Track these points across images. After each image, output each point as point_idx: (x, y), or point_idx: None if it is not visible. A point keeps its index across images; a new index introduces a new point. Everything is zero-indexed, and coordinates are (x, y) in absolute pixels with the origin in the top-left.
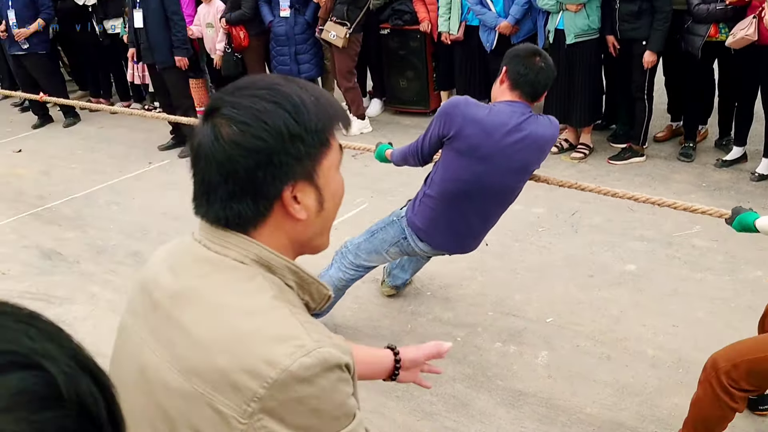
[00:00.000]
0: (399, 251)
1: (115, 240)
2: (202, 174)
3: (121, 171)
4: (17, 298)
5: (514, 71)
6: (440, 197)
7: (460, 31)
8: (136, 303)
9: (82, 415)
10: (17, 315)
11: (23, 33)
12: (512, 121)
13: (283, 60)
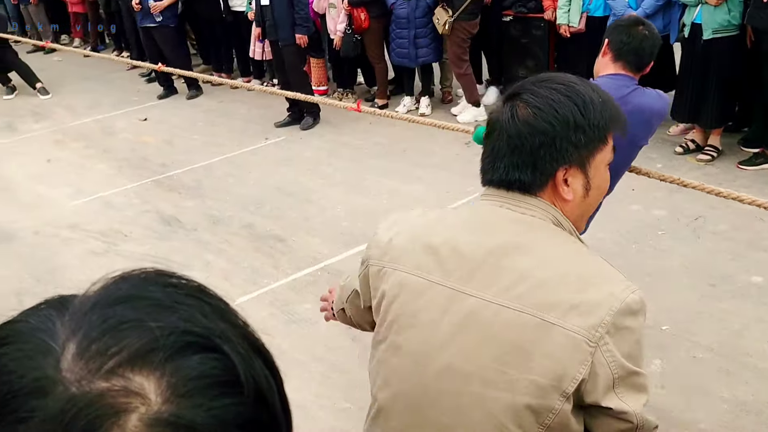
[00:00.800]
0: None
1: (231, 211)
2: (493, 144)
3: (239, 145)
4: (139, 260)
5: (616, 41)
6: None
7: (581, 22)
8: (424, 262)
9: (258, 402)
10: (187, 288)
11: (159, 6)
12: (617, 95)
13: (402, 43)
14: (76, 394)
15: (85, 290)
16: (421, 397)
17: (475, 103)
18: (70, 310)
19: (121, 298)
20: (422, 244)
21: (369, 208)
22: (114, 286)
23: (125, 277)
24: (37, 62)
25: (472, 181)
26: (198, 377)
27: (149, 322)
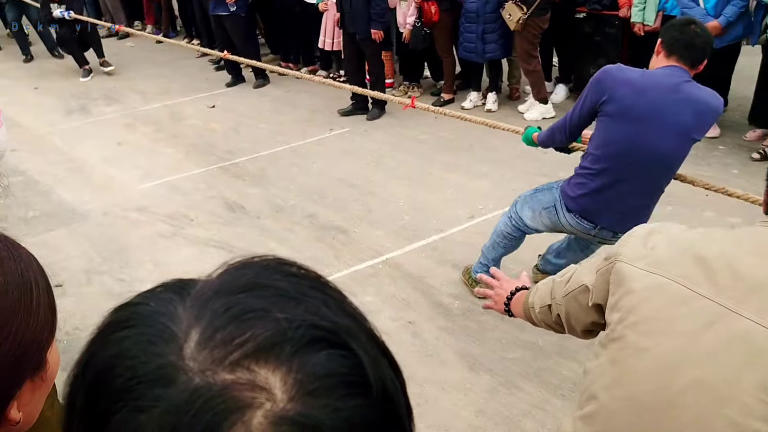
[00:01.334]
0: (548, 219)
1: (294, 200)
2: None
3: (304, 135)
4: (203, 244)
5: (669, 38)
6: (594, 165)
7: (657, 21)
8: (691, 273)
9: (385, 404)
10: (309, 279)
11: None
12: (668, 81)
13: (470, 38)
14: (201, 385)
15: (206, 276)
16: (660, 406)
17: (543, 101)
18: (191, 295)
19: (245, 286)
20: (692, 254)
21: (432, 202)
22: (236, 272)
23: (247, 264)
24: (110, 47)
25: (537, 179)
26: (326, 375)
27: (276, 312)
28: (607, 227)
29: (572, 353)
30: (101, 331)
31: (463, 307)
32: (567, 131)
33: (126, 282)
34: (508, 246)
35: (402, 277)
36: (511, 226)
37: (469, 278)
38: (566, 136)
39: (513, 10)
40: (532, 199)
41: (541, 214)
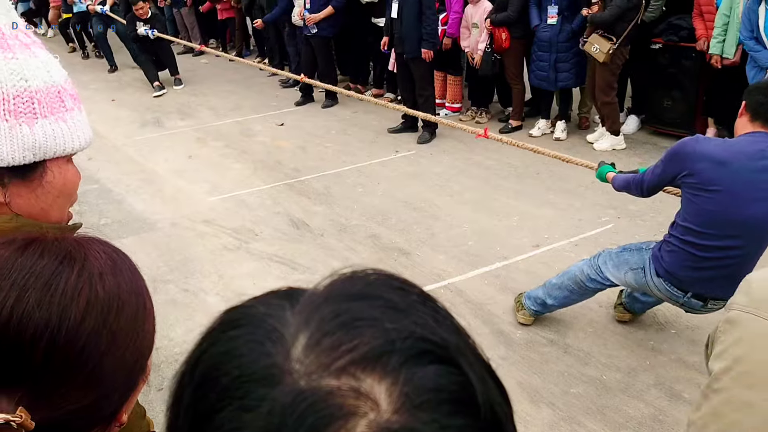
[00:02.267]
0: (633, 280)
1: (357, 220)
2: None
3: (369, 155)
4: (266, 259)
5: (753, 101)
6: (684, 236)
7: (736, 54)
8: None
9: (493, 428)
10: (418, 294)
11: (314, 18)
12: (751, 149)
13: (542, 66)
14: (305, 388)
15: (316, 284)
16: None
17: (615, 132)
18: (300, 301)
19: (354, 295)
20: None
21: (497, 229)
22: (346, 282)
23: (356, 275)
24: (186, 63)
25: (606, 211)
26: (434, 390)
27: (385, 322)
28: (698, 296)
29: (639, 392)
30: (211, 330)
31: (525, 337)
32: (644, 191)
33: (190, 292)
34: (575, 293)
35: (463, 303)
36: (587, 276)
37: (519, 303)
38: (641, 193)
39: (600, 42)
40: (618, 258)
41: (627, 274)
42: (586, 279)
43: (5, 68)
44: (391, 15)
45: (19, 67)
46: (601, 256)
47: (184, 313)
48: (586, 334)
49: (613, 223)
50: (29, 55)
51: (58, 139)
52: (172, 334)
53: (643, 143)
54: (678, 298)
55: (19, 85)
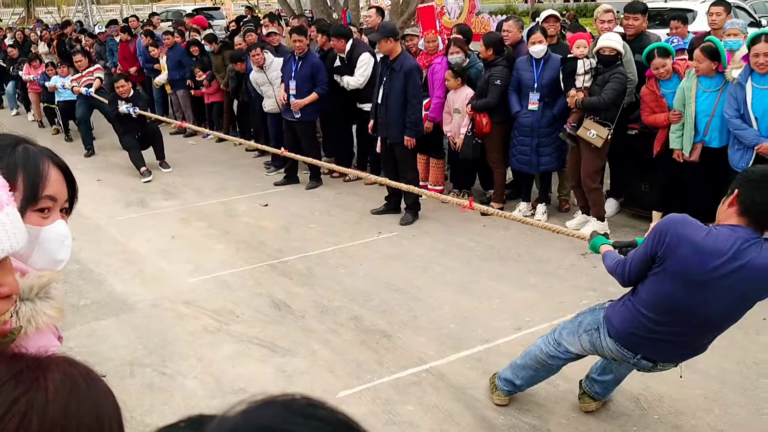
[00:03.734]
0: (588, 342)
1: (339, 302)
2: None
3: (352, 236)
4: (247, 341)
5: (747, 197)
6: (643, 308)
7: (694, 153)
8: None
9: None
10: (335, 424)
11: (299, 104)
12: (730, 250)
13: (524, 150)
14: None
15: (226, 411)
16: None
17: (600, 218)
18: (207, 431)
19: (261, 428)
20: None
21: (478, 311)
22: (256, 412)
23: (269, 403)
24: (174, 144)
25: (586, 293)
26: None
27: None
28: (647, 358)
29: None
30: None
31: (507, 423)
32: (624, 278)
33: (168, 375)
34: (540, 371)
35: (445, 388)
36: (547, 353)
37: (492, 385)
38: (623, 281)
39: (596, 127)
40: (573, 323)
41: (581, 337)
42: (546, 357)
43: None
44: (377, 100)
45: None
46: (557, 329)
47: (161, 398)
48: (568, 420)
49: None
50: None
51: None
52: (147, 420)
53: (622, 226)
54: (629, 358)
55: None
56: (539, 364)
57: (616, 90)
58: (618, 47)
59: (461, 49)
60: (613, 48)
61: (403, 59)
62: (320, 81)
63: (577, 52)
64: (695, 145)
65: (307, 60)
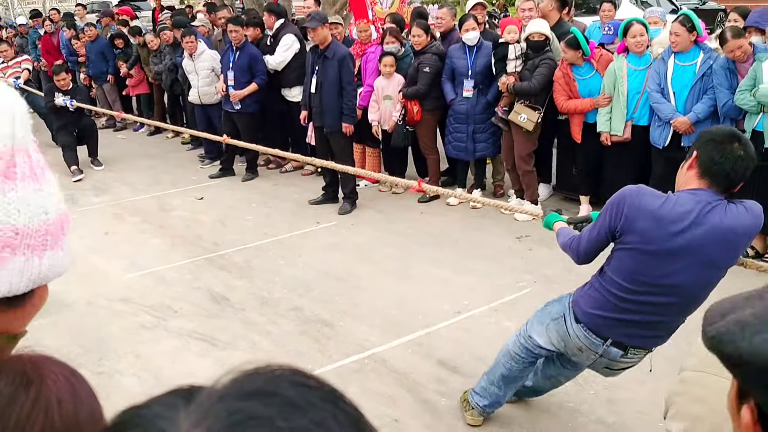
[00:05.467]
0: (555, 332)
1: (279, 293)
2: None
3: (290, 227)
4: (186, 336)
5: (707, 157)
6: (612, 288)
7: (626, 131)
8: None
9: None
10: (323, 391)
11: (239, 94)
12: (691, 215)
13: (460, 137)
14: None
15: (216, 380)
16: None
17: (534, 202)
18: (197, 399)
19: (252, 393)
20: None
21: (418, 297)
22: (246, 378)
23: (259, 372)
24: (104, 139)
25: (523, 276)
26: None
27: (279, 421)
28: (618, 344)
29: None
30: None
31: (450, 405)
32: (580, 256)
33: (105, 374)
34: (514, 369)
35: (387, 373)
36: (520, 345)
37: (465, 403)
38: (576, 257)
39: (527, 111)
40: (542, 312)
41: (548, 327)
42: (519, 349)
43: (33, 202)
44: (310, 90)
45: (42, 200)
46: (528, 321)
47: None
48: (509, 402)
49: (530, 288)
50: (44, 182)
51: (57, 267)
52: None
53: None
54: (597, 346)
55: (41, 218)
56: (512, 360)
57: (545, 75)
58: (547, 32)
59: (396, 39)
60: (542, 33)
61: (335, 47)
62: (259, 71)
63: (508, 38)
64: (627, 123)
65: (244, 50)
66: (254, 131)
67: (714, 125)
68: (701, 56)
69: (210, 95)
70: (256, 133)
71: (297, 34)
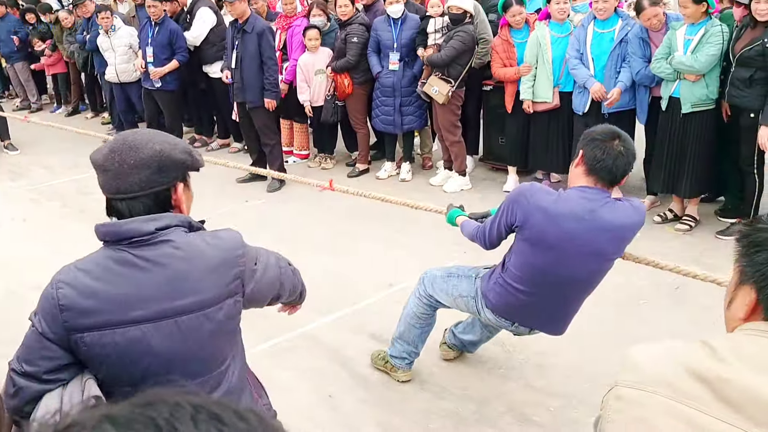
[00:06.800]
0: (466, 306)
1: None
2: None
3: (218, 206)
4: None
5: (590, 156)
6: (514, 282)
7: (555, 97)
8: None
9: None
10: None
11: (158, 72)
12: (581, 210)
13: (387, 110)
14: None
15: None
16: None
17: (462, 173)
18: None
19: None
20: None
21: (348, 272)
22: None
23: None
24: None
25: (452, 248)
26: None
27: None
28: (526, 326)
29: (492, 420)
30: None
31: (383, 377)
32: (486, 242)
33: None
34: (425, 326)
35: (320, 350)
36: (423, 305)
37: (385, 363)
38: (486, 245)
39: (439, 83)
40: (446, 283)
41: (457, 300)
42: (424, 309)
43: None
44: (231, 65)
45: None
46: (425, 280)
47: None
48: (440, 369)
49: (459, 260)
50: None
51: None
52: None
53: (482, 179)
54: (507, 326)
55: None
56: (420, 319)
57: (455, 48)
58: (465, 6)
59: (323, 12)
60: (460, 7)
61: (254, 21)
62: (179, 48)
63: (431, 12)
64: (554, 90)
65: (163, 26)
66: (176, 109)
67: (597, 126)
68: (619, 23)
69: (128, 73)
70: (179, 111)
71: (213, 7)
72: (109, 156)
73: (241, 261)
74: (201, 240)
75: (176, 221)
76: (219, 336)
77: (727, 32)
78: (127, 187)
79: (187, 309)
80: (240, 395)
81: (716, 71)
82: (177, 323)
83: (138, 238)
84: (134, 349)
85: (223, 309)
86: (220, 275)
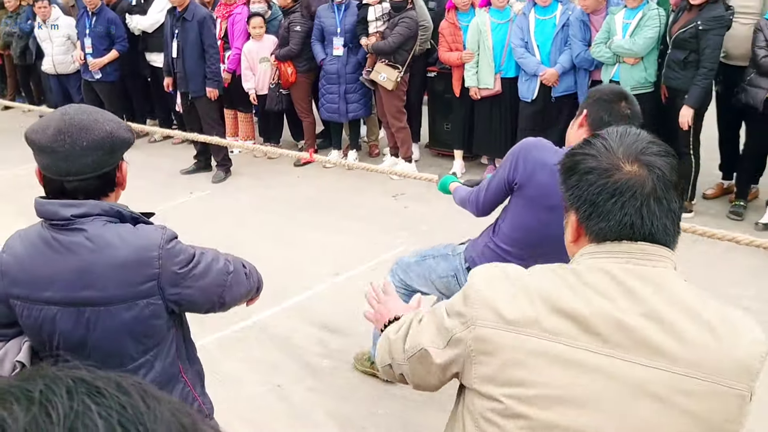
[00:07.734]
0: (445, 287)
1: None
2: None
3: (164, 199)
4: None
5: (595, 117)
6: (505, 245)
7: (496, 84)
8: (579, 338)
9: None
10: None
11: (97, 63)
12: None
13: (332, 98)
14: None
15: None
16: None
17: (409, 159)
18: None
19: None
20: (554, 306)
21: (297, 261)
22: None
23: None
24: None
25: (399, 233)
26: None
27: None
28: None
29: (441, 403)
30: None
31: (331, 365)
32: (479, 209)
33: None
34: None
35: (269, 340)
36: (400, 295)
37: (372, 364)
38: (477, 212)
39: (386, 70)
40: (421, 267)
41: (436, 282)
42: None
43: None
44: (172, 54)
45: None
46: (398, 270)
47: None
48: None
49: (406, 245)
50: None
51: None
52: None
53: (429, 165)
54: None
55: None
56: None
57: (402, 34)
58: None
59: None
60: None
61: (194, 8)
62: (118, 37)
63: (370, 0)
64: (496, 76)
65: (101, 15)
66: (117, 100)
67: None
68: (560, 8)
69: (66, 64)
70: (120, 102)
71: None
72: (58, 137)
73: (158, 262)
74: (116, 234)
75: (98, 210)
76: (126, 335)
77: (664, 15)
78: (79, 168)
79: (89, 301)
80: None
81: (654, 54)
82: (80, 312)
83: (56, 221)
84: (48, 328)
85: (132, 310)
86: (127, 273)
